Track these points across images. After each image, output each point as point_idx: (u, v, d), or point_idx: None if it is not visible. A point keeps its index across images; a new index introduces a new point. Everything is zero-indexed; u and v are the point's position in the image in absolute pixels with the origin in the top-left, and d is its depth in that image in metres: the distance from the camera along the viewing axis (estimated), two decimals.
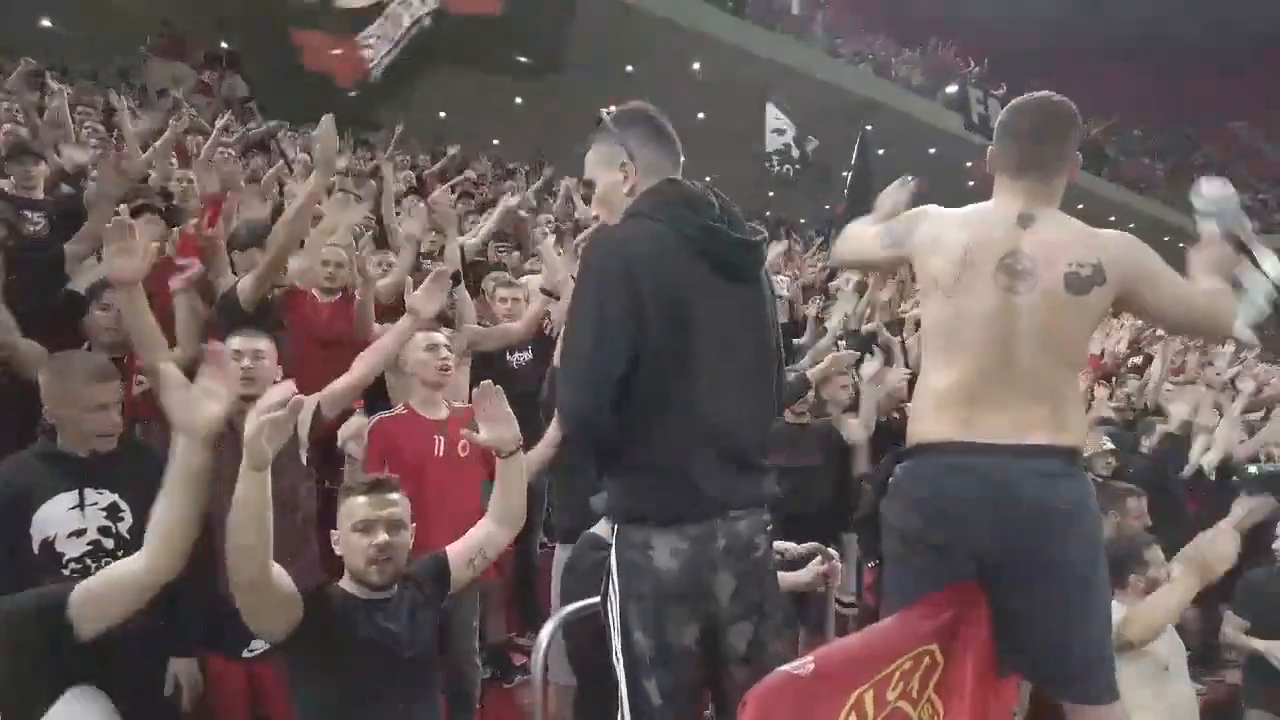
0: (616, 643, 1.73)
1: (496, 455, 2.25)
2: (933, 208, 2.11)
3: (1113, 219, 19.99)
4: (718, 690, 1.79)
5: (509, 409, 2.20)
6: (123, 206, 2.84)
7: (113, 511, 2.26)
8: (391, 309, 3.72)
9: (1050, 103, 2.04)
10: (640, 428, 1.69)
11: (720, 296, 1.73)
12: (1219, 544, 2.64)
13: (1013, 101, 2.08)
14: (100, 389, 2.26)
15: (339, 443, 3.10)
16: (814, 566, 2.67)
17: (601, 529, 2.55)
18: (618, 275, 1.65)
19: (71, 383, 2.25)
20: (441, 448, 2.90)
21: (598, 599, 2.27)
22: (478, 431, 2.22)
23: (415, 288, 2.94)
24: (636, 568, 1.70)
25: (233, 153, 6.68)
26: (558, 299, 3.41)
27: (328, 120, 3.14)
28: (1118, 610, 2.65)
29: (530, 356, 4.27)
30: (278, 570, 1.89)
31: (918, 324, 6.10)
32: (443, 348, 3.07)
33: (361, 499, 2.08)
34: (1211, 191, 2.12)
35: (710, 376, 1.70)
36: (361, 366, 2.88)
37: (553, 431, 3.19)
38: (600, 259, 1.71)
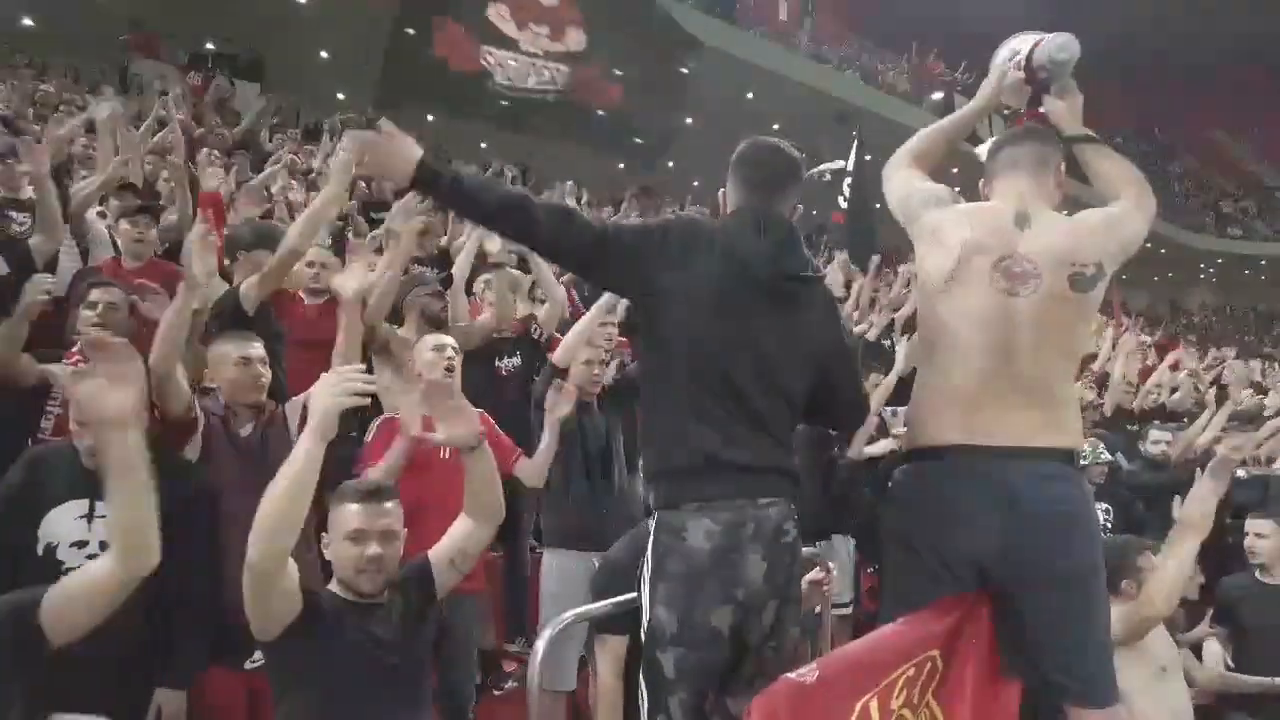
0: (644, 620, 1.82)
1: (459, 452, 2.18)
2: (948, 194, 2.11)
3: None
4: (734, 673, 1.82)
5: (464, 402, 2.14)
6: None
7: None
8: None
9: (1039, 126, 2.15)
10: (676, 422, 1.80)
11: (761, 313, 1.83)
12: (1200, 499, 2.68)
13: None
14: None
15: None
16: (809, 576, 2.64)
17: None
18: (679, 229, 1.85)
19: None
20: (447, 450, 2.82)
21: (589, 607, 2.31)
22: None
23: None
24: (670, 549, 1.77)
25: (218, 154, 6.64)
26: (544, 303, 3.40)
27: (355, 135, 3.16)
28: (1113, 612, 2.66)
29: (519, 363, 4.23)
30: (291, 561, 1.87)
31: (905, 327, 6.14)
32: (449, 349, 3.08)
33: (354, 507, 2.04)
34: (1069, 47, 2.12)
35: (741, 373, 1.80)
36: (338, 361, 2.87)
37: (546, 434, 3.16)
38: (683, 218, 1.94)
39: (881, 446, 4.03)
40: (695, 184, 17.42)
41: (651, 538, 1.82)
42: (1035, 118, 2.18)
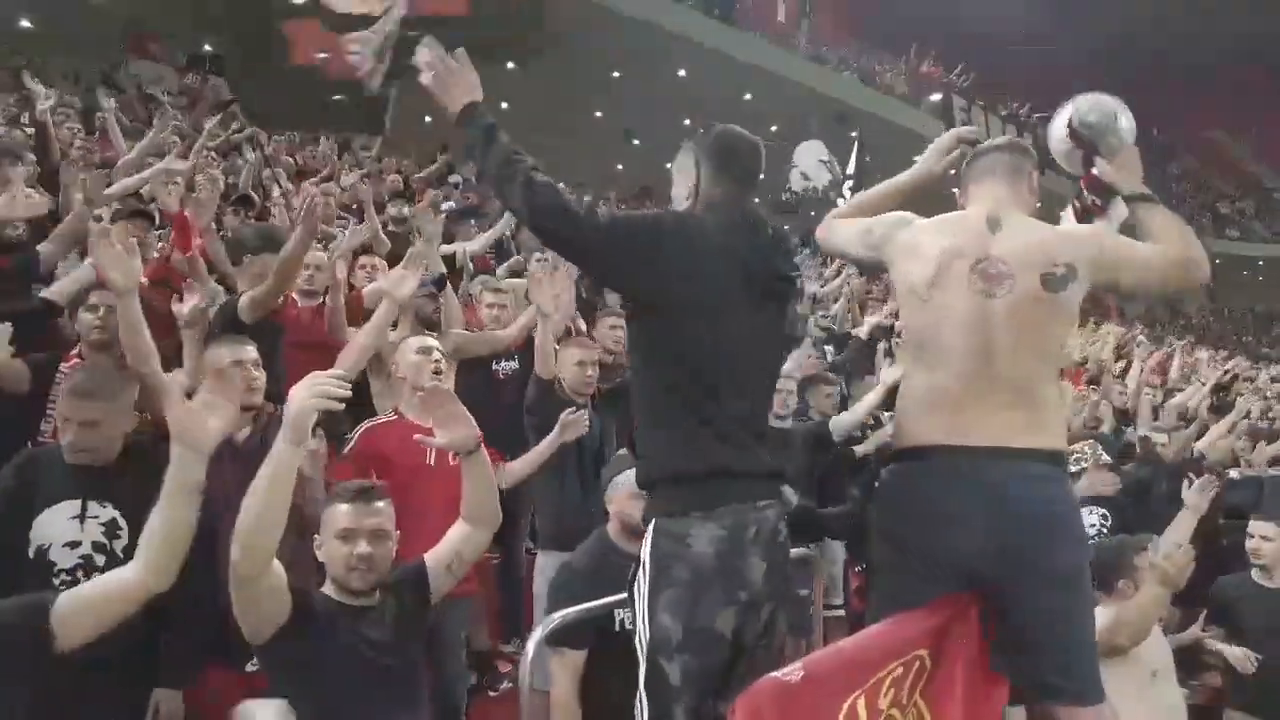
0: (642, 629, 1.79)
1: (456, 456, 2.19)
2: (912, 215, 2.14)
3: None
4: (730, 673, 1.81)
5: (461, 407, 2.15)
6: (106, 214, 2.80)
7: (111, 528, 2.22)
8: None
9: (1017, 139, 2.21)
10: (680, 427, 1.80)
11: (756, 312, 1.85)
12: (1176, 559, 2.71)
13: None
14: (80, 405, 2.21)
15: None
16: None
17: (613, 531, 2.59)
18: (672, 227, 1.82)
19: (65, 394, 2.24)
20: (433, 455, 2.80)
21: (579, 608, 2.29)
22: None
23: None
24: (673, 557, 1.76)
25: (215, 155, 6.65)
26: (548, 315, 3.38)
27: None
28: (1105, 614, 2.66)
29: (517, 366, 4.21)
30: (276, 561, 1.88)
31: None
32: (435, 351, 3.03)
33: (345, 507, 2.05)
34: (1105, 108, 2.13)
35: (738, 375, 1.82)
36: (345, 363, 2.85)
37: (543, 445, 3.17)
38: (671, 214, 1.90)
39: (870, 444, 4.05)
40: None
41: (649, 546, 1.80)
42: (1090, 181, 2.16)
